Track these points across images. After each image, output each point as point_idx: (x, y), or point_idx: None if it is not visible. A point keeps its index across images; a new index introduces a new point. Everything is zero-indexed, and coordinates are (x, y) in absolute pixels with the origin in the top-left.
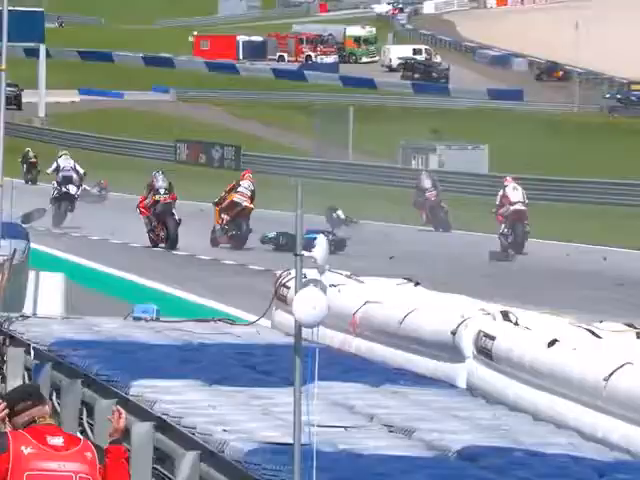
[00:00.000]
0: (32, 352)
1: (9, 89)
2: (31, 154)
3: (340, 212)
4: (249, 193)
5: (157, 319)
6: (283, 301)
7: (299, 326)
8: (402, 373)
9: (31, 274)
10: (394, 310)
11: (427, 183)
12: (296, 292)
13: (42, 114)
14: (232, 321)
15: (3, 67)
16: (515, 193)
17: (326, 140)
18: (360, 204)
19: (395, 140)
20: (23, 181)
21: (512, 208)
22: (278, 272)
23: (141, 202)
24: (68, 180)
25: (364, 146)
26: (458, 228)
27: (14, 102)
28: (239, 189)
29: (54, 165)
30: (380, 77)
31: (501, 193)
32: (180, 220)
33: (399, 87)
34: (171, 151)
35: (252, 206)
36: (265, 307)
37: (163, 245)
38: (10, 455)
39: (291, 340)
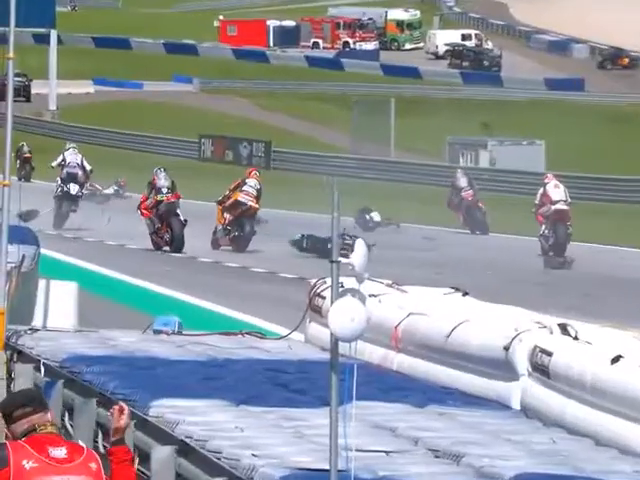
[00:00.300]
0: (42, 369)
1: (17, 79)
2: (26, 149)
3: (375, 214)
4: (255, 192)
5: (179, 332)
6: (318, 312)
7: (335, 340)
8: (449, 392)
9: (41, 283)
10: (440, 322)
11: (463, 182)
12: (332, 302)
13: (53, 107)
14: (261, 334)
15: (11, 55)
16: (556, 191)
17: (364, 135)
18: (400, 205)
19: (441, 135)
20: (16, 178)
21: (553, 208)
22: (312, 280)
23: (142, 203)
24: (72, 177)
25: (407, 142)
26: (496, 230)
27: (22, 93)
28: (244, 188)
29: (59, 158)
30: (425, 65)
31: (541, 191)
32: (186, 221)
33: (446, 76)
34: (195, 147)
35: (257, 206)
36: (298, 319)
37: (168, 248)
38: (11, 470)
39: (327, 355)
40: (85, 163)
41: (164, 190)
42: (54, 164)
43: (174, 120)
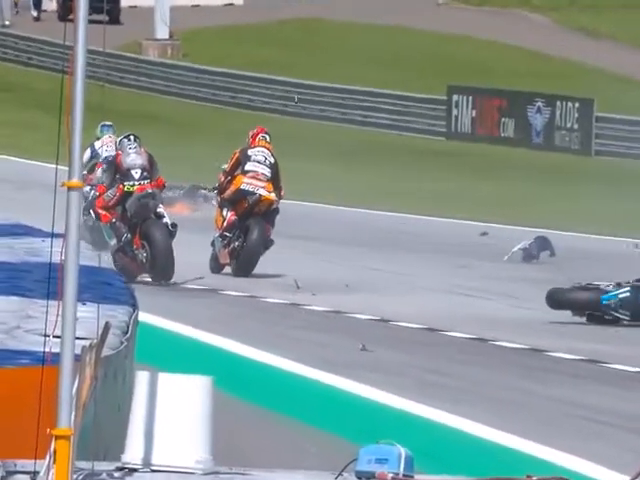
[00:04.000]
0: None
1: None
2: None
3: None
4: (267, 172)
5: (408, 478)
6: None
7: None
8: None
9: (140, 377)
10: None
11: None
12: None
13: (163, 33)
14: None
15: None
16: None
17: None
18: None
19: None
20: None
21: None
22: None
23: (99, 197)
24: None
25: None
26: None
27: (106, 10)
28: (248, 165)
29: (87, 153)
30: None
31: None
32: (175, 227)
33: None
34: (441, 112)
35: (273, 197)
36: None
37: (148, 276)
38: None
39: None
40: None
41: (135, 173)
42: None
43: (401, 56)
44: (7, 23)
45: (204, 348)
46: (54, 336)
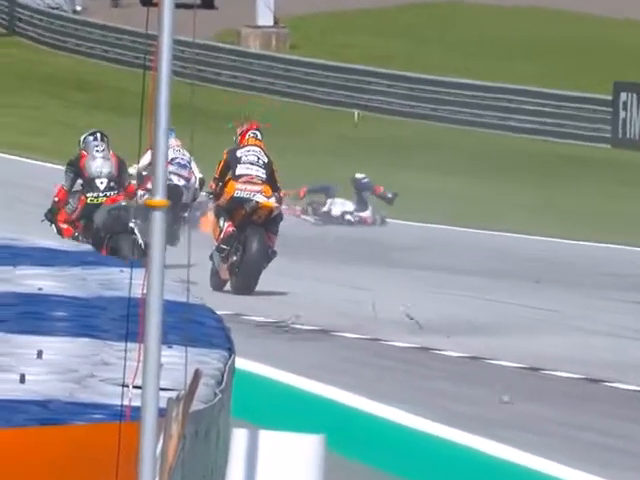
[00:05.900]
0: None
1: None
2: None
3: None
4: (262, 174)
5: None
6: None
7: None
8: None
9: (238, 435)
10: None
11: None
12: None
13: (266, 21)
14: None
15: None
16: None
17: None
18: None
19: None
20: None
21: None
22: None
23: (58, 207)
24: (176, 195)
25: None
26: None
27: None
28: (239, 169)
29: (146, 158)
30: None
31: None
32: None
33: None
34: (604, 115)
35: (272, 202)
36: None
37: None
38: None
39: None
40: (193, 165)
41: (101, 184)
42: (140, 166)
43: (554, 46)
44: (79, 9)
45: (314, 401)
46: (134, 386)
